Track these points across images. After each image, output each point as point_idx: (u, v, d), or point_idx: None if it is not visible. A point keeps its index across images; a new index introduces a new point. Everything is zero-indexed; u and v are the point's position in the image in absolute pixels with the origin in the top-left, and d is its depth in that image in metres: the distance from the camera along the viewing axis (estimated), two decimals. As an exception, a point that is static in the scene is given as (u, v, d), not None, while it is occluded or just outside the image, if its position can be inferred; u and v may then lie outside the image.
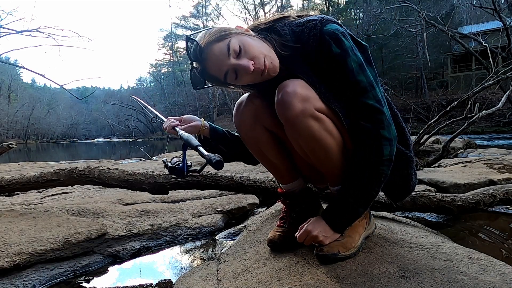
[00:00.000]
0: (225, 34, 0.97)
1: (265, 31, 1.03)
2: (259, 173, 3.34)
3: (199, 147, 0.86)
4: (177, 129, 1.10)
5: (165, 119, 1.21)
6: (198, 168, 0.92)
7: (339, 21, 1.02)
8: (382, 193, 1.53)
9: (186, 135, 0.96)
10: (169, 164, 0.99)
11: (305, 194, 1.21)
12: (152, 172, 1.88)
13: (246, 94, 1.12)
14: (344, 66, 0.95)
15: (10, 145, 2.58)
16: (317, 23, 0.97)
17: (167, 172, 1.00)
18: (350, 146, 1.00)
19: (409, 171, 1.06)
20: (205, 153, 0.82)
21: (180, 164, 0.96)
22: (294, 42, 1.00)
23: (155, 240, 1.72)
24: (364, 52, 1.01)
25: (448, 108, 3.40)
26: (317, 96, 0.96)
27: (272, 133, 1.12)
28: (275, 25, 1.02)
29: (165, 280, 1.35)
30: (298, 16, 1.04)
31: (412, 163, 1.07)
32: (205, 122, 1.21)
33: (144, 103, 1.40)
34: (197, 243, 1.75)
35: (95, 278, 1.39)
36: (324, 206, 1.34)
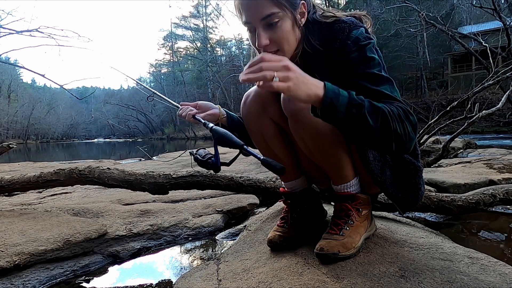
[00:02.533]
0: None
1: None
2: (259, 173, 3.34)
3: (245, 146, 0.81)
4: (199, 118, 1.04)
5: (178, 105, 1.14)
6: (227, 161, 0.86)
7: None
8: (383, 194, 1.54)
9: (220, 130, 0.88)
10: (199, 157, 0.93)
11: (307, 194, 1.20)
12: (152, 172, 1.88)
13: (255, 87, 1.10)
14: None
15: (10, 145, 2.59)
16: (346, 27, 0.94)
17: (196, 166, 0.93)
18: (353, 146, 1.01)
19: (417, 180, 1.06)
20: (261, 156, 0.78)
21: (213, 158, 0.91)
22: (319, 40, 0.97)
23: (155, 240, 1.72)
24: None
25: (448, 108, 3.40)
26: None
27: (279, 126, 1.11)
28: (308, 18, 0.99)
29: (165, 280, 1.35)
30: (323, 16, 1.00)
31: (420, 173, 1.06)
32: (222, 109, 1.16)
33: (148, 87, 1.33)
34: (197, 243, 1.75)
35: (95, 278, 1.39)
36: (326, 207, 1.34)
